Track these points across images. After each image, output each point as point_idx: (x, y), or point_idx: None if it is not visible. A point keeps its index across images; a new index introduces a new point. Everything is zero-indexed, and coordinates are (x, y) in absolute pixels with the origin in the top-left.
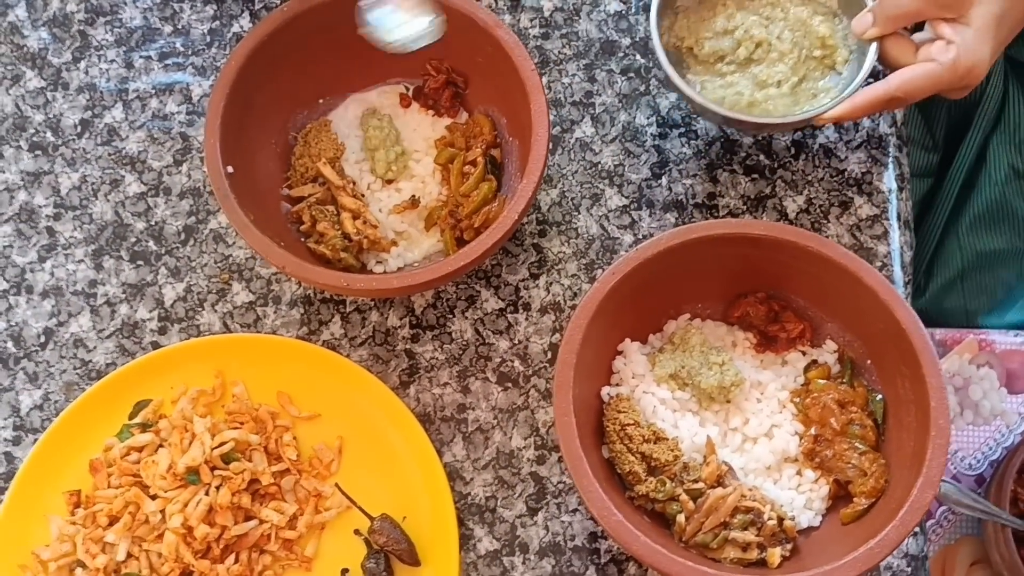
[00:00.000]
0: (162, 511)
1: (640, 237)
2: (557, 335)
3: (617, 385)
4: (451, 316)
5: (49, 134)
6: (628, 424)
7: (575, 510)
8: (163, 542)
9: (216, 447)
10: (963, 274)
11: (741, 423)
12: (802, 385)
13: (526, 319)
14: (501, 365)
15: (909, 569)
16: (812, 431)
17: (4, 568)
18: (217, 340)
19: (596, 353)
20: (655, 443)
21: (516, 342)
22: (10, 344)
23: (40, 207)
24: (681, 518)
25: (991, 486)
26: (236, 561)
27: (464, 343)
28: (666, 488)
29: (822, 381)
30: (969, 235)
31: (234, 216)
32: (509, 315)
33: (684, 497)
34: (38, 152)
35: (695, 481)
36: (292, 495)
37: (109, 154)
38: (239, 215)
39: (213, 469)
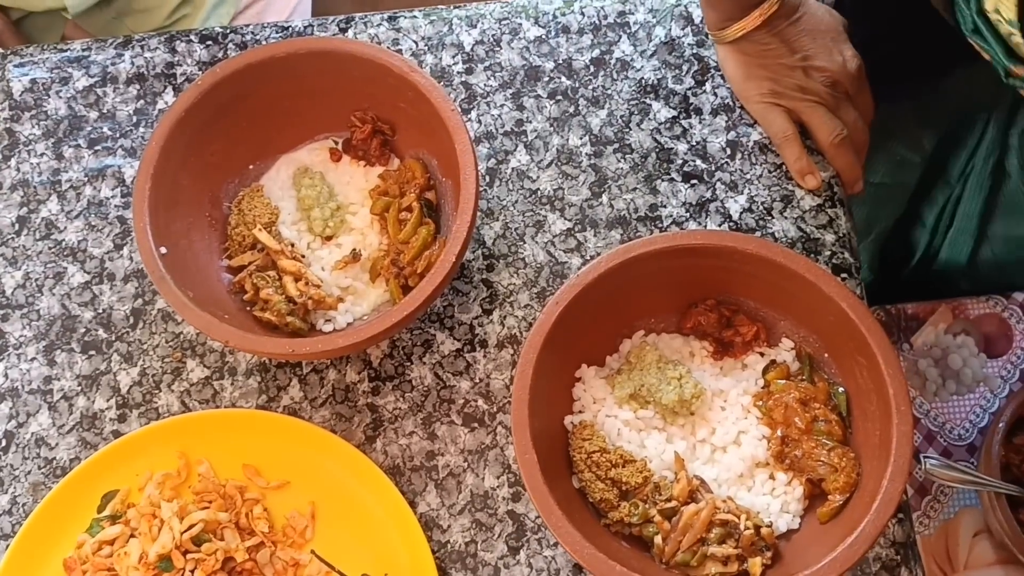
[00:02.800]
0: None
1: (588, 258)
2: None
3: (579, 412)
4: (409, 364)
5: None
6: (594, 451)
7: (556, 543)
8: None
9: (185, 530)
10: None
11: (708, 434)
12: (763, 387)
13: (484, 356)
14: (465, 406)
15: (899, 557)
16: (778, 433)
17: None
18: (176, 421)
19: (553, 384)
20: (623, 467)
21: (477, 381)
22: None
23: None
24: (658, 539)
25: (981, 454)
26: None
27: (425, 389)
28: (639, 511)
29: (781, 381)
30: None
31: (172, 297)
32: (467, 354)
33: (658, 518)
34: None
35: (667, 500)
36: (270, 567)
37: (49, 248)
38: (177, 295)
39: (185, 553)
